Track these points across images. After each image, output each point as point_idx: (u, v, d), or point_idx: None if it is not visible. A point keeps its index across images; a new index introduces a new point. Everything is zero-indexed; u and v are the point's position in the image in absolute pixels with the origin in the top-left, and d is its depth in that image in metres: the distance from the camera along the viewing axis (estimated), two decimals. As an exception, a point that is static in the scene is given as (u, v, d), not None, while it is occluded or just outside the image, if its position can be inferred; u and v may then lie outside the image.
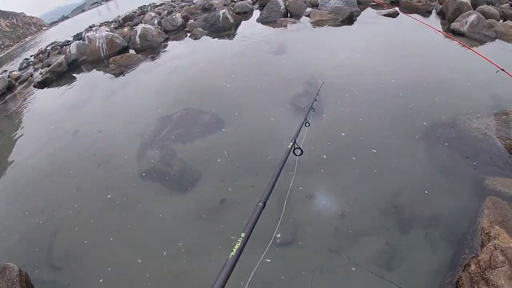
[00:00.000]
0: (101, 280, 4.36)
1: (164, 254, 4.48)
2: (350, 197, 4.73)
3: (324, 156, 5.51)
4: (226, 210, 4.90)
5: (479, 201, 4.06)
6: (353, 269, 3.80)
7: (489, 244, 3.05)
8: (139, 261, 4.48)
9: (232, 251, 0.88)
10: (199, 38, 14.00)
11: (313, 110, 3.42)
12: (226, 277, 0.79)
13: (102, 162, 6.87)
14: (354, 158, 5.40)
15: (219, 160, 5.97)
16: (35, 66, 20.85)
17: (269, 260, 3.96)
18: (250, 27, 14.10)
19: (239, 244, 0.90)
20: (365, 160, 5.34)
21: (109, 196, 5.86)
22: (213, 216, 4.85)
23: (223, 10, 14.75)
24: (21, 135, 10.01)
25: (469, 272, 2.99)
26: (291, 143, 2.18)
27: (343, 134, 6.03)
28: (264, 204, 1.29)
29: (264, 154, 5.84)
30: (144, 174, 6.14)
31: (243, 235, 0.98)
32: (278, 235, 4.31)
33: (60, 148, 8.03)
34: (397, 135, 5.75)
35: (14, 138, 9.93)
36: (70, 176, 6.78)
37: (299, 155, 2.16)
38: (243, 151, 6.11)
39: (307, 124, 2.98)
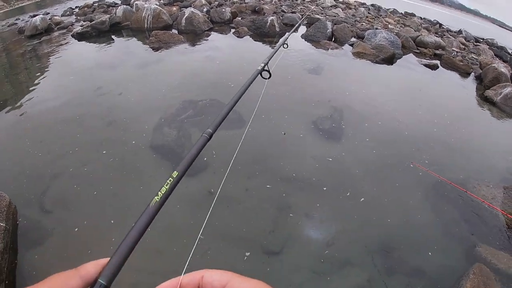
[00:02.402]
0: (76, 229, 4.54)
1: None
2: (346, 227, 4.80)
3: (324, 188, 5.55)
4: (218, 205, 4.85)
5: (468, 265, 4.13)
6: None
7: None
8: (112, 222, 4.67)
9: (157, 195, 0.73)
10: (242, 37, 14.13)
11: (296, 31, 3.44)
12: (142, 230, 0.65)
13: (118, 124, 7.00)
14: (353, 193, 5.45)
15: (232, 157, 6.00)
16: (78, 18, 21.17)
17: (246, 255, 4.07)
18: (294, 40, 14.14)
19: (166, 186, 0.77)
20: (365, 198, 5.39)
21: (110, 156, 6.01)
22: (204, 208, 4.81)
23: (272, 17, 14.93)
24: (44, 78, 10.16)
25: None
26: (262, 65, 2.06)
27: (350, 167, 6.12)
28: (211, 136, 1.10)
29: (276, 164, 5.96)
30: (155, 148, 6.26)
31: (175, 174, 0.84)
32: (267, 242, 4.42)
33: (79, 99, 8.17)
34: (404, 182, 5.81)
35: (37, 79, 10.08)
36: (83, 127, 6.94)
37: (267, 78, 2.06)
38: (257, 155, 6.19)
39: (286, 46, 2.99)
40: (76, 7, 27.38)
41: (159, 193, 0.76)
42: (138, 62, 10.81)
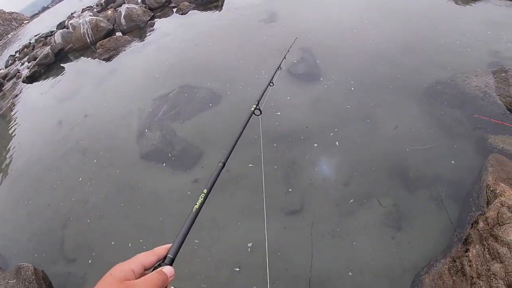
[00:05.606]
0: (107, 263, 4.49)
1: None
2: (354, 160, 4.70)
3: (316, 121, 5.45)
4: (230, 185, 4.84)
5: (482, 159, 4.04)
6: (365, 232, 3.83)
7: (495, 201, 3.06)
8: (140, 241, 4.62)
9: (196, 204, 0.93)
10: (186, 12, 13.54)
11: (280, 69, 3.26)
12: (190, 225, 0.87)
13: (99, 149, 6.82)
14: (352, 119, 5.37)
15: (218, 134, 5.91)
16: (22, 61, 20.47)
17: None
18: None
19: (201, 199, 0.98)
20: (364, 120, 5.29)
21: (112, 181, 5.87)
22: (218, 190, 4.77)
23: (208, -19, 14.25)
24: (14, 134, 9.93)
25: (477, 229, 3.00)
26: (254, 106, 2.16)
27: (342, 95, 5.94)
28: (224, 164, 1.33)
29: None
30: (145, 156, 6.10)
31: (205, 191, 1.03)
32: (286, 205, 4.36)
33: (55, 142, 7.95)
34: (396, 95, 5.63)
35: (6, 138, 9.90)
36: (70, 165, 6.80)
37: (259, 115, 2.17)
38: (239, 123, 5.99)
39: (271, 84, 2.86)
40: (16, 52, 26.37)
41: (197, 203, 0.95)
42: (95, 80, 10.44)
